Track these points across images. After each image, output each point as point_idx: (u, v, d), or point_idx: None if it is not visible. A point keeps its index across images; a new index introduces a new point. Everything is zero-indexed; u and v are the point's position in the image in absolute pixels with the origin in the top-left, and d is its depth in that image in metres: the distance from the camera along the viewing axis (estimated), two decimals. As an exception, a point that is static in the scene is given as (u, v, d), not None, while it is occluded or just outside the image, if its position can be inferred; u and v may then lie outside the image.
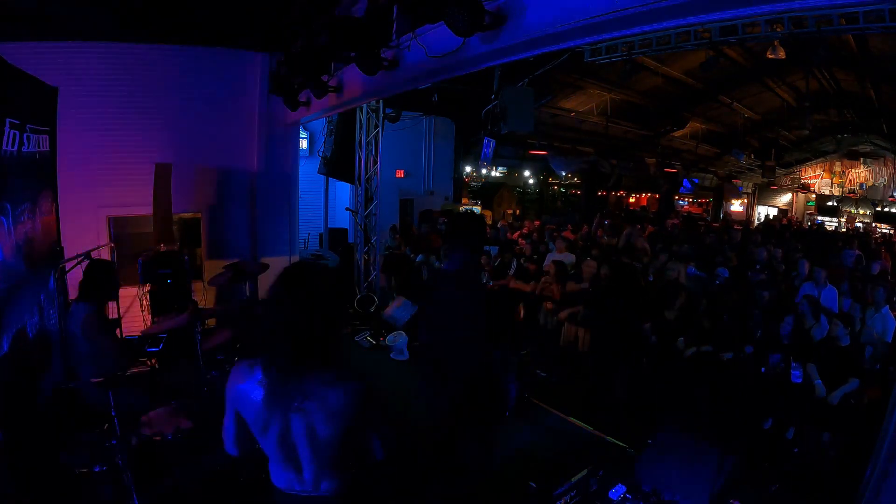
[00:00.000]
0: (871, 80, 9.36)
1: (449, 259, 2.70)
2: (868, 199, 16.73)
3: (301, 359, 1.55)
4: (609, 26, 2.63)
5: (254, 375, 1.59)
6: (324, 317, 1.58)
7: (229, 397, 1.65)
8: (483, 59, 3.58)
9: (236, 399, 1.63)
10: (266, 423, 1.58)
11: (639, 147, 15.57)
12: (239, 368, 1.65)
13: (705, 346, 4.96)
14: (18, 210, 3.18)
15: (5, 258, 2.92)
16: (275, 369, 1.55)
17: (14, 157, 3.07)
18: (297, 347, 1.53)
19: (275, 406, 1.56)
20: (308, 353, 1.55)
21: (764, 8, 2.54)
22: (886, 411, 2.36)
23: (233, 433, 1.69)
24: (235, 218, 6.92)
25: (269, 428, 1.58)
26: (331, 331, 1.60)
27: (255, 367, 1.60)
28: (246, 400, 1.60)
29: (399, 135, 10.50)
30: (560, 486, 2.95)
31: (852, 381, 4.10)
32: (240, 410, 1.63)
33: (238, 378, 1.63)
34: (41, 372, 3.37)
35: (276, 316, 1.56)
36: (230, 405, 1.66)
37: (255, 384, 1.57)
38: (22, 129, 3.18)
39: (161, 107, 6.23)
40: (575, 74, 10.28)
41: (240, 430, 1.67)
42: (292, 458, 1.62)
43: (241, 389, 1.61)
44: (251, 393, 1.58)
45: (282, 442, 1.59)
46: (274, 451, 1.63)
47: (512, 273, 7.27)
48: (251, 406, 1.59)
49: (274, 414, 1.57)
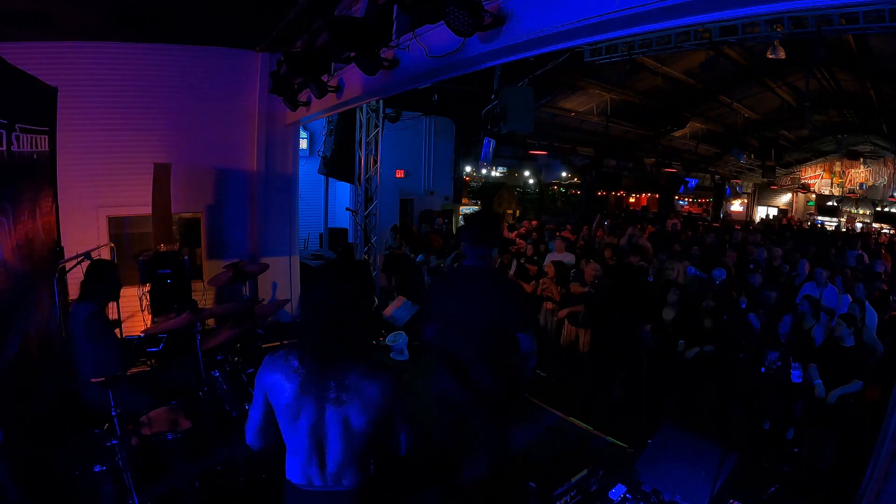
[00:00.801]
0: (871, 80, 9.36)
1: (472, 255, 2.71)
2: (868, 199, 16.74)
3: (344, 352, 1.59)
4: (609, 26, 2.63)
5: (289, 364, 1.62)
6: (365, 311, 1.65)
7: (260, 386, 1.67)
8: (483, 59, 3.58)
9: (269, 387, 1.65)
10: (298, 412, 1.60)
11: (639, 147, 15.57)
12: (273, 357, 1.68)
13: (707, 346, 4.97)
14: (19, 210, 3.18)
15: (5, 258, 2.92)
16: (316, 360, 1.58)
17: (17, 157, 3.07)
18: (341, 341, 1.58)
19: (310, 396, 1.59)
20: (350, 346, 1.60)
21: (764, 8, 2.54)
22: (886, 411, 2.36)
23: (258, 423, 1.70)
24: (235, 218, 6.92)
25: (300, 418, 1.60)
26: (368, 324, 1.68)
27: (290, 357, 1.63)
28: (280, 388, 1.62)
29: (399, 135, 10.51)
30: (560, 486, 2.95)
31: (855, 383, 4.09)
32: (271, 399, 1.65)
33: (272, 367, 1.66)
34: (42, 372, 3.37)
35: (322, 310, 1.59)
36: (259, 394, 1.68)
37: (290, 373, 1.60)
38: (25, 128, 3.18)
39: (161, 107, 6.23)
40: (575, 74, 10.27)
41: (266, 420, 1.68)
42: (319, 450, 1.63)
43: (275, 378, 1.63)
44: (285, 382, 1.61)
45: (312, 433, 1.61)
46: (301, 444, 1.63)
47: (512, 273, 7.27)
48: (284, 395, 1.61)
49: (308, 404, 1.60)
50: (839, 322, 4.28)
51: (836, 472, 3.85)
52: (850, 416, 4.00)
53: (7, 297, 2.92)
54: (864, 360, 4.23)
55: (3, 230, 2.88)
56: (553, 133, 13.78)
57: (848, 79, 10.05)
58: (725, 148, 15.90)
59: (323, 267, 1.70)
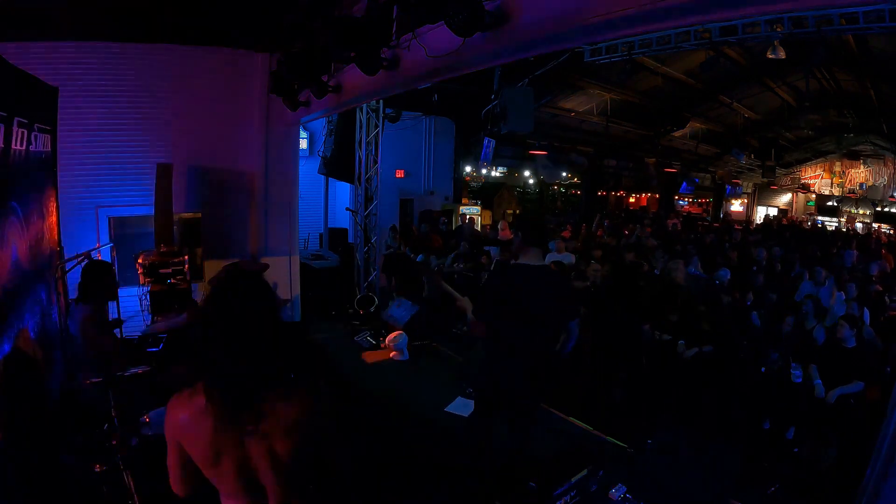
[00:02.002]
0: (871, 80, 9.36)
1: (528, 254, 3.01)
2: (868, 199, 16.73)
3: (257, 381, 1.42)
4: (609, 26, 2.62)
5: (195, 404, 1.43)
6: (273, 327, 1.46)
7: (170, 432, 1.48)
8: (483, 59, 3.57)
9: (180, 433, 1.46)
10: (217, 454, 1.43)
11: (639, 147, 15.57)
12: (178, 399, 1.49)
13: (706, 346, 4.97)
14: (28, 210, 3.18)
15: (19, 258, 2.92)
16: (226, 395, 1.40)
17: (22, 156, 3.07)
18: (252, 369, 1.41)
19: (227, 434, 1.41)
20: (263, 372, 1.43)
21: (764, 8, 2.54)
22: (886, 411, 2.36)
23: (178, 473, 1.53)
24: (235, 218, 6.92)
25: (221, 460, 1.44)
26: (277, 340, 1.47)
27: (194, 396, 1.44)
28: (191, 433, 1.44)
29: (399, 135, 10.50)
30: (560, 486, 2.95)
31: (856, 384, 4.09)
32: (185, 445, 1.47)
33: (178, 410, 1.46)
34: (43, 372, 3.37)
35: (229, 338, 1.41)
36: (172, 441, 1.49)
37: (199, 414, 1.42)
38: (30, 128, 3.18)
39: (160, 106, 6.22)
40: (575, 74, 10.27)
41: (186, 468, 1.50)
42: (254, 487, 1.48)
43: (184, 421, 1.45)
44: (197, 424, 1.42)
45: (241, 475, 1.45)
46: (231, 484, 1.48)
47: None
48: (198, 439, 1.43)
49: (226, 444, 1.42)
50: (841, 323, 4.28)
51: (836, 471, 3.85)
52: (850, 416, 4.00)
53: (16, 298, 2.92)
54: (865, 360, 4.23)
55: (16, 231, 2.87)
56: (553, 133, 13.79)
57: (848, 79, 10.05)
58: (725, 148, 15.91)
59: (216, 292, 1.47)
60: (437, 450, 3.83)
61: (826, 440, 4.05)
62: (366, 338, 6.29)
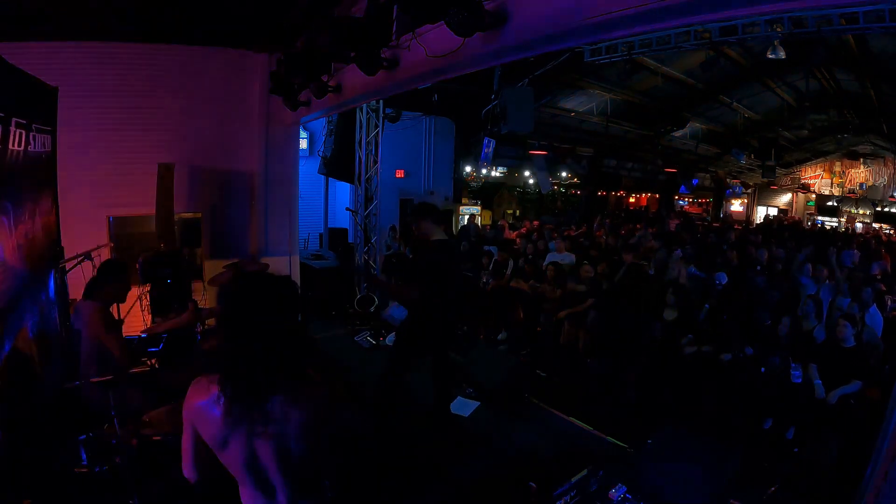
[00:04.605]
0: (871, 80, 9.35)
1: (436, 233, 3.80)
2: (868, 199, 16.72)
3: (265, 384, 1.43)
4: (609, 26, 2.63)
5: (211, 392, 1.47)
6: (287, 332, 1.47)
7: (187, 415, 1.53)
8: (483, 59, 3.58)
9: (195, 417, 1.51)
10: (226, 442, 1.47)
11: (639, 147, 15.56)
12: (198, 384, 1.53)
13: (705, 346, 4.96)
14: (22, 210, 3.18)
15: (5, 258, 2.92)
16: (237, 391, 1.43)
17: (20, 157, 3.07)
18: (265, 368, 1.42)
19: (237, 428, 1.45)
20: (272, 378, 1.44)
21: (764, 8, 2.54)
22: (886, 411, 2.36)
23: (191, 454, 1.57)
24: (236, 218, 6.92)
25: (230, 448, 1.48)
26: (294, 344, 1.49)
27: (212, 384, 1.47)
28: (205, 418, 1.48)
29: (399, 135, 10.51)
30: (560, 486, 2.95)
31: (854, 383, 4.09)
32: (199, 429, 1.52)
33: (196, 394, 1.51)
34: (42, 372, 3.37)
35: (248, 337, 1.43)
36: (188, 423, 1.54)
37: (213, 403, 1.46)
38: (28, 128, 3.17)
39: (160, 107, 6.22)
40: (575, 74, 10.27)
41: (199, 450, 1.55)
42: (263, 484, 1.52)
43: (200, 406, 1.49)
44: (211, 410, 1.46)
45: (249, 467, 1.49)
46: (242, 476, 1.52)
47: (508, 272, 7.27)
48: (210, 425, 1.48)
49: (236, 436, 1.46)
50: (841, 323, 4.27)
51: (836, 471, 3.85)
52: (850, 416, 4.00)
53: (6, 297, 2.92)
54: (864, 360, 4.23)
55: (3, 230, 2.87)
56: (553, 133, 13.78)
57: (848, 79, 10.04)
58: (725, 148, 15.89)
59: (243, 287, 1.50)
60: (438, 450, 3.83)
61: (826, 440, 4.05)
62: (366, 338, 6.29)
